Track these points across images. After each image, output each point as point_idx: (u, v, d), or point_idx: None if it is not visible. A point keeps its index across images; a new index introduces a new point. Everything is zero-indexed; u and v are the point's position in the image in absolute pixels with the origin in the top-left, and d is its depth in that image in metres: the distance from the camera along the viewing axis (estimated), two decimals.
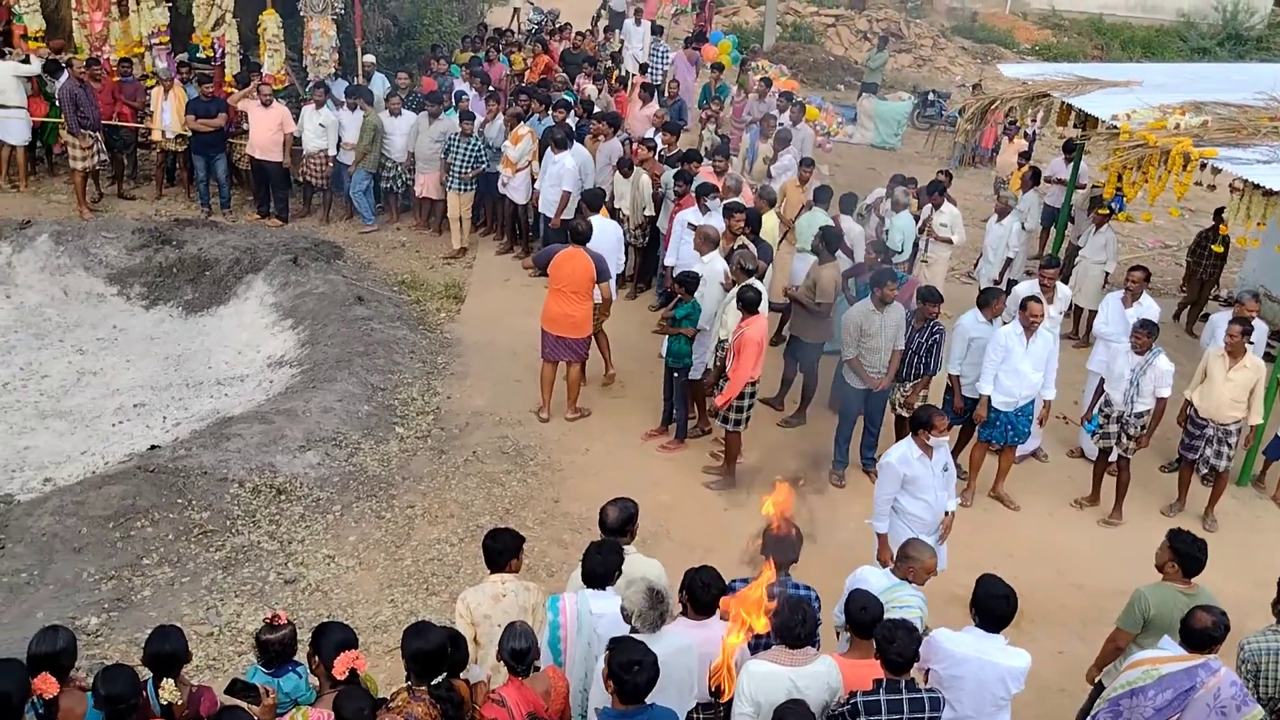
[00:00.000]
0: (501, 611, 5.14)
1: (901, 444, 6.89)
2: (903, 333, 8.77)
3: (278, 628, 4.69)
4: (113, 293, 11.88)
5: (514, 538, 5.36)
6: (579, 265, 9.12)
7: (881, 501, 6.86)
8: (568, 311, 9.22)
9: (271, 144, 12.87)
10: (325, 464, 8.58)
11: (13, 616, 6.62)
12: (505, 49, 17.39)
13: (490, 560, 5.33)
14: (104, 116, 13.03)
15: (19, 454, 8.93)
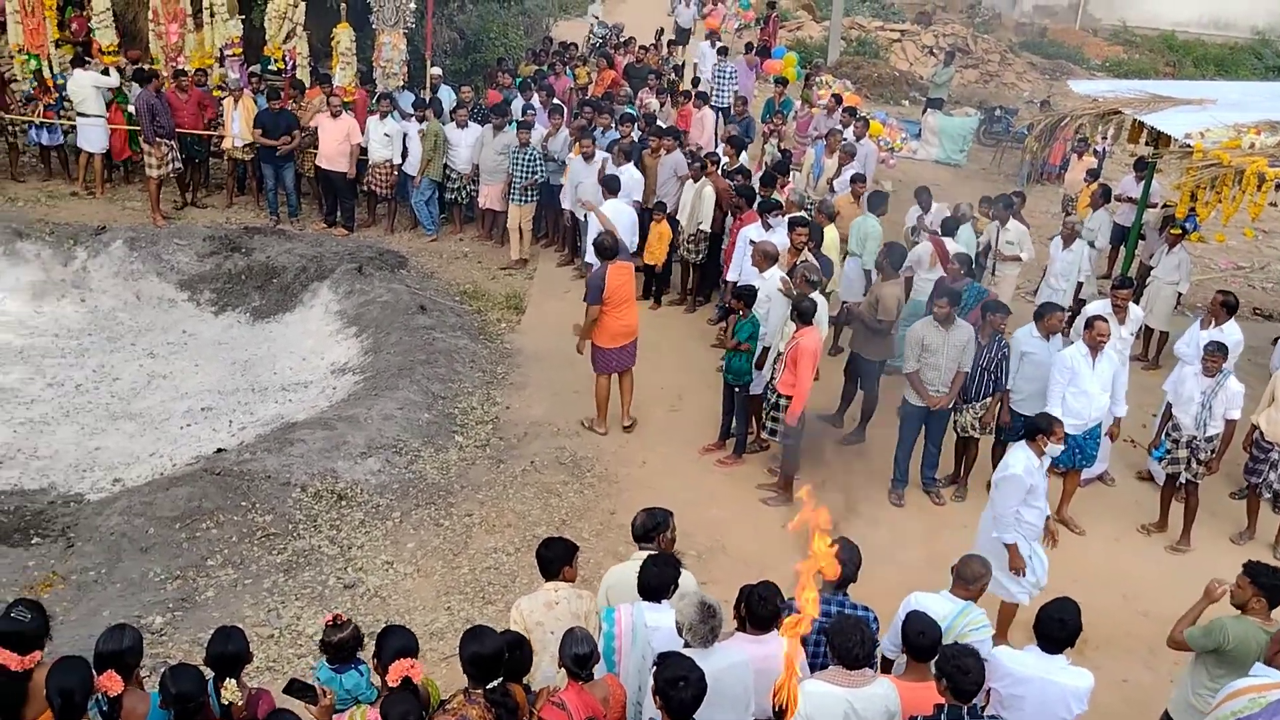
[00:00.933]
0: (554, 619, 5.15)
1: (1020, 453, 6.81)
2: (969, 354, 8.62)
3: (340, 628, 4.78)
4: (183, 298, 12.14)
5: (567, 546, 5.36)
6: (626, 275, 9.46)
7: (1008, 513, 6.76)
8: (625, 322, 9.47)
9: (338, 154, 13.08)
10: (386, 471, 8.67)
11: (80, 614, 6.77)
12: (570, 63, 17.52)
13: (544, 568, 5.35)
14: (185, 127, 13.33)
15: (90, 454, 9.15)
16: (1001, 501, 6.79)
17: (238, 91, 13.34)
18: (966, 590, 5.38)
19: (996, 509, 6.84)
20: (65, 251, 12.30)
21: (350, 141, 13.08)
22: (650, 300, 12.52)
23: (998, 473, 6.92)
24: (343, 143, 13.06)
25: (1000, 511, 6.80)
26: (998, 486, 6.85)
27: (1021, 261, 11.63)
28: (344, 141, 13.05)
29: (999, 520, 6.82)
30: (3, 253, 12.02)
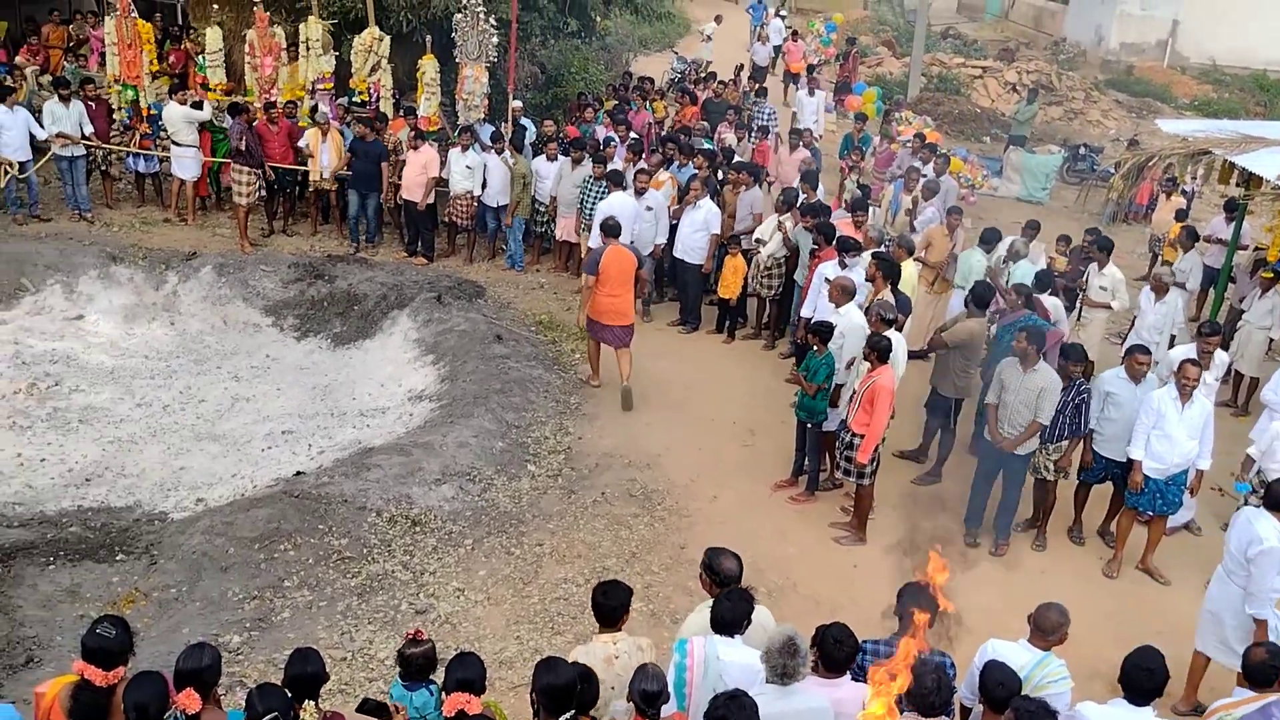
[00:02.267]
0: (614, 675, 5.05)
1: (1267, 524, 6.59)
2: (1048, 403, 8.36)
3: (419, 643, 4.84)
4: (268, 323, 12.43)
5: (627, 592, 5.26)
6: (624, 259, 10.37)
7: (1264, 589, 6.55)
8: (615, 304, 10.37)
9: (415, 185, 13.33)
10: (459, 498, 8.75)
11: (161, 631, 6.93)
12: (649, 97, 17.68)
13: (604, 617, 5.23)
14: (275, 158, 13.72)
15: (175, 474, 9.38)
16: (1260, 577, 6.55)
17: (326, 125, 13.69)
18: (1045, 640, 5.25)
19: (1254, 585, 6.59)
20: (157, 276, 12.70)
21: (428, 173, 13.32)
22: (724, 334, 12.51)
23: (1251, 547, 6.60)
24: (420, 174, 13.30)
25: (1258, 588, 6.57)
26: (1255, 562, 6.58)
27: (1114, 310, 11.35)
28: (421, 172, 13.29)
29: (1255, 596, 6.60)
30: (98, 276, 12.44)
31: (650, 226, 12.23)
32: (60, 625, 7.01)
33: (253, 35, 14.28)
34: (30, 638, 6.87)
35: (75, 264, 12.49)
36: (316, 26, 14.22)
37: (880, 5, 39.30)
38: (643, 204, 12.01)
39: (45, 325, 11.76)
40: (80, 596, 7.29)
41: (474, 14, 13.91)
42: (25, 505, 8.61)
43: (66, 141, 13.51)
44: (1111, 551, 8.80)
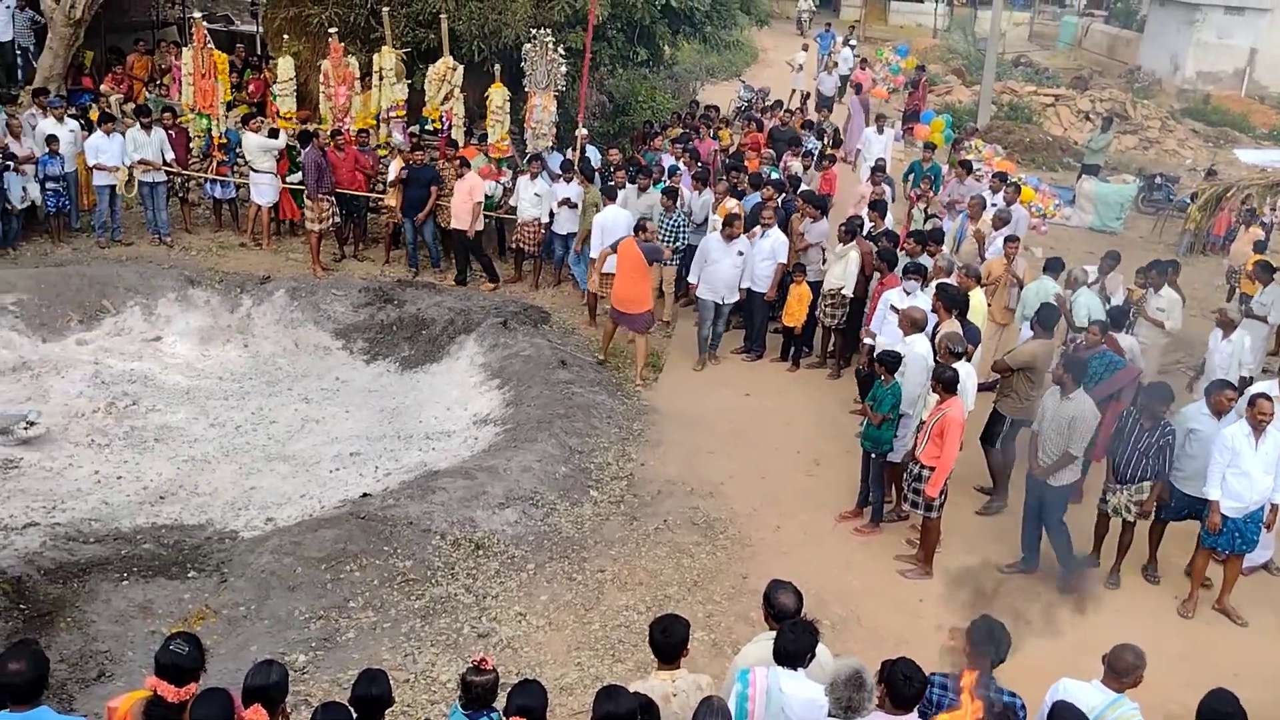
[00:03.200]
0: (671, 713, 5.00)
1: None
2: (1078, 434, 8.18)
3: (483, 671, 4.83)
4: (338, 346, 12.65)
5: (685, 627, 5.21)
6: (634, 250, 11.36)
7: None
8: (633, 292, 11.45)
9: (462, 212, 13.46)
10: (522, 522, 8.79)
11: (229, 648, 7.03)
12: (715, 126, 17.73)
13: (663, 654, 5.18)
14: (342, 184, 14.02)
15: (246, 493, 9.56)
16: None
17: (399, 152, 13.94)
18: (1119, 682, 5.12)
19: None
20: (232, 299, 13.00)
21: (472, 199, 13.42)
22: (789, 363, 12.45)
23: None
24: (465, 200, 13.42)
25: None
26: None
27: (1165, 330, 11.12)
28: (466, 199, 13.41)
29: None
30: (175, 299, 12.77)
31: (736, 271, 11.97)
32: (132, 641, 7.16)
33: (327, 65, 14.62)
34: (103, 652, 7.02)
35: (154, 287, 12.83)
36: (390, 56, 14.52)
37: (950, 33, 39.04)
38: (733, 248, 11.82)
39: (125, 346, 12.08)
40: (152, 612, 7.44)
41: (543, 44, 14.10)
42: (101, 521, 8.82)
43: (148, 168, 13.95)
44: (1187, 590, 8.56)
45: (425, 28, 14.92)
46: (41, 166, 13.53)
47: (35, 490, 9.29)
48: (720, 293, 12.01)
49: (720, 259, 11.89)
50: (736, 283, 12.03)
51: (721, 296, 12.05)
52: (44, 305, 12.16)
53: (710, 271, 11.96)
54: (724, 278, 11.94)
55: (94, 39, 18.30)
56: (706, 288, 12.06)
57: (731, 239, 11.80)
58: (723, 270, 11.92)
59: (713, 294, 12.04)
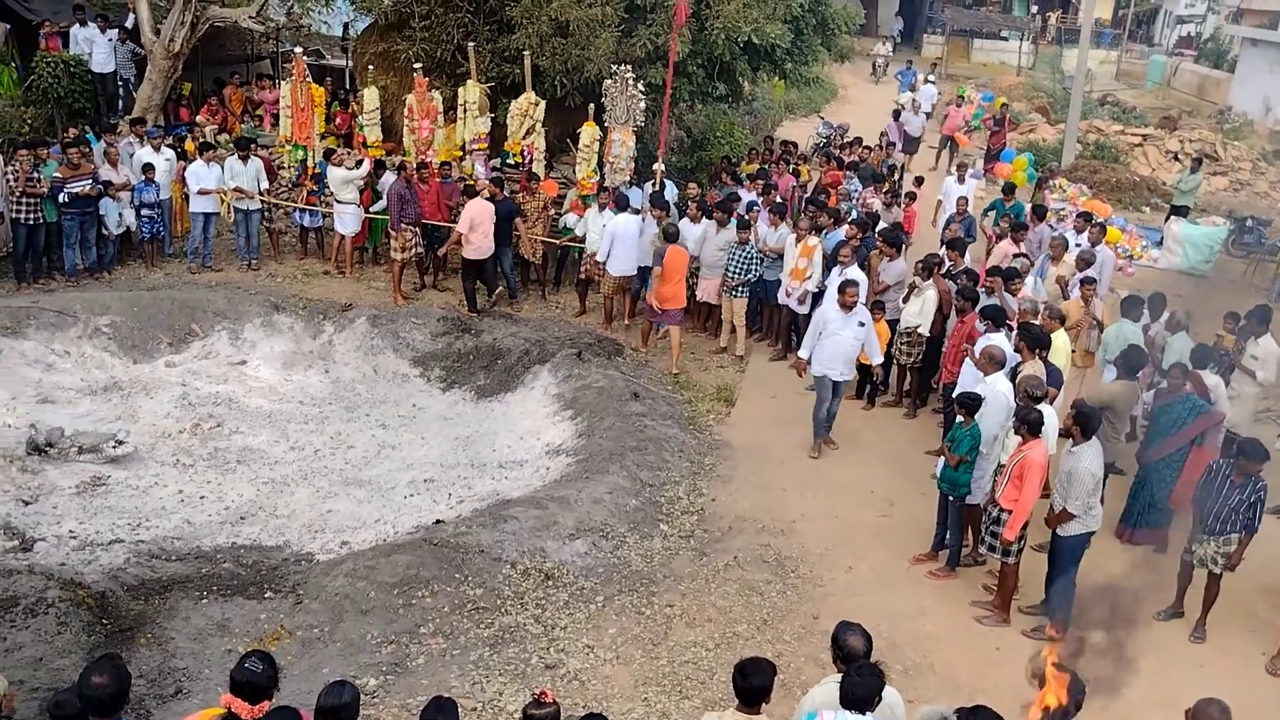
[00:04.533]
0: None
1: None
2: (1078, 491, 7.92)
3: (543, 705, 4.82)
4: (415, 374, 12.84)
5: (770, 672, 5.11)
6: (681, 257, 12.61)
7: None
8: (674, 292, 12.59)
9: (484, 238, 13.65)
10: (592, 554, 8.79)
11: (302, 669, 7.13)
12: (793, 161, 17.72)
13: (747, 698, 5.08)
14: (427, 215, 14.29)
15: (322, 516, 9.72)
16: None
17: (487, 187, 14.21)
18: None
19: None
20: (315, 325, 13.29)
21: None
22: (864, 400, 12.31)
23: None
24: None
25: None
26: None
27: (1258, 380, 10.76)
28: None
29: None
30: (261, 324, 13.10)
31: (857, 345, 10.86)
32: (209, 658, 7.30)
33: (412, 99, 14.95)
34: (181, 669, 7.17)
35: (241, 312, 13.19)
36: (475, 90, 14.81)
37: (1035, 71, 38.59)
38: (853, 319, 10.68)
39: (211, 369, 12.42)
40: (229, 631, 7.59)
41: (623, 80, 14.26)
42: (183, 540, 9.03)
43: (243, 196, 14.39)
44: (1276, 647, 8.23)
45: (510, 63, 15.20)
46: (137, 194, 14.04)
47: (121, 507, 9.56)
48: (839, 368, 10.82)
49: (839, 330, 10.69)
50: (854, 357, 10.93)
51: (840, 372, 10.86)
52: (136, 328, 12.58)
53: (827, 345, 10.74)
54: (843, 352, 10.76)
55: (191, 72, 18.98)
56: (822, 363, 10.82)
57: (849, 308, 10.65)
58: (842, 344, 10.73)
59: (830, 370, 10.84)
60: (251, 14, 17.86)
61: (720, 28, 14.93)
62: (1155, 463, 9.43)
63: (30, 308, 12.29)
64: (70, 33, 18.12)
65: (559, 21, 14.60)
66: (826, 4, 17.52)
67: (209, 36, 18.05)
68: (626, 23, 15.00)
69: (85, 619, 7.38)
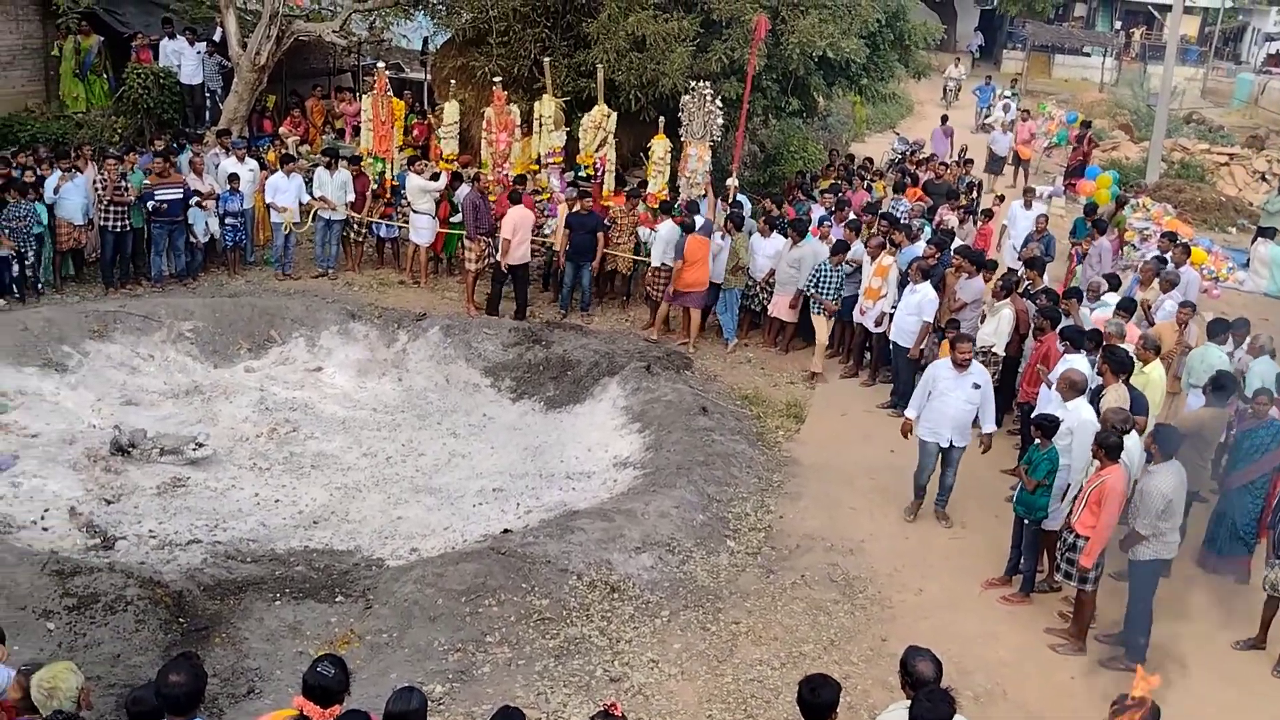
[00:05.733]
0: None
1: None
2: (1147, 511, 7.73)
3: (612, 717, 4.80)
4: (486, 384, 12.95)
5: (836, 690, 5.04)
6: (703, 245, 13.18)
7: None
8: (695, 277, 13.25)
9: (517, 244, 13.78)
10: (658, 568, 8.76)
11: (370, 674, 7.21)
12: (868, 178, 17.57)
13: (810, 713, 5.02)
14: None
15: (393, 522, 9.84)
16: None
17: (559, 198, 14.32)
18: None
19: None
20: (389, 334, 13.48)
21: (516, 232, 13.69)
22: None
23: None
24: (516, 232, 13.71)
25: None
26: None
27: None
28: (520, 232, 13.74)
29: None
30: (337, 332, 13.33)
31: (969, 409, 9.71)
32: (281, 659, 7.42)
33: (490, 112, 15.13)
34: (254, 669, 7.30)
35: (318, 319, 13.44)
36: (551, 104, 14.94)
37: (1118, 87, 37.80)
38: (967, 380, 9.61)
39: (288, 375, 12.67)
40: (301, 633, 7.70)
41: (701, 96, 14.29)
42: (258, 542, 9.21)
43: (326, 206, 14.69)
44: None
45: (585, 78, 15.33)
46: (222, 203, 14.41)
47: (199, 509, 9.78)
48: (946, 434, 9.64)
49: (949, 390, 9.57)
50: (969, 422, 9.69)
51: (948, 439, 9.67)
52: (217, 333, 12.89)
53: (936, 406, 9.65)
54: (952, 415, 9.58)
55: (275, 84, 19.45)
56: (929, 426, 9.74)
57: (962, 366, 9.53)
58: (951, 406, 9.58)
59: (935, 435, 9.71)
60: (335, 28, 18.27)
61: (795, 43, 14.89)
62: (1237, 490, 9.15)
63: (117, 312, 12.66)
64: (160, 45, 18.70)
65: (635, 36, 14.69)
66: (904, 19, 17.37)
67: (293, 50, 18.49)
68: (702, 37, 15.03)
69: (163, 617, 7.56)
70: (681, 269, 13.19)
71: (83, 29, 18.18)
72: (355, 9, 18.89)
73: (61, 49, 18.47)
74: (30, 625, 7.28)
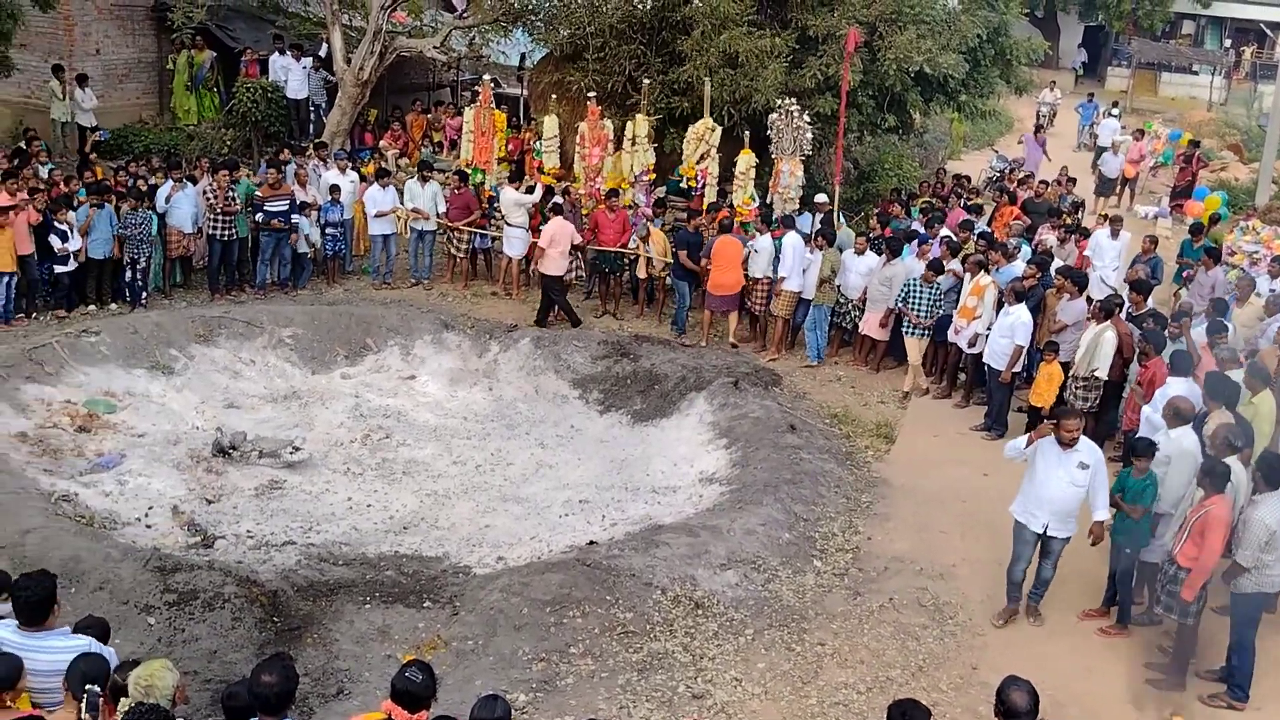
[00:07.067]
0: None
1: None
2: (1250, 541, 7.36)
3: None
4: (575, 396, 13.03)
5: (926, 716, 4.95)
6: (734, 247, 13.43)
7: None
8: (726, 280, 13.48)
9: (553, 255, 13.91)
10: (742, 585, 8.70)
11: (455, 680, 7.28)
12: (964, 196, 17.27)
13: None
14: (607, 243, 14.54)
15: (480, 530, 9.95)
16: None
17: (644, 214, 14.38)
18: None
19: None
20: (481, 344, 13.67)
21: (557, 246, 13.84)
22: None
23: None
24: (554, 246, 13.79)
25: None
26: None
27: None
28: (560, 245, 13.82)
29: None
30: (431, 341, 13.57)
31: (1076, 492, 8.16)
32: (370, 662, 7.55)
33: (584, 127, 15.28)
34: (343, 670, 7.44)
35: (413, 329, 13.70)
36: (644, 124, 15.04)
37: (1227, 107, 36.57)
38: (1072, 459, 8.06)
39: (383, 382, 12.93)
40: (389, 637, 7.83)
41: (788, 112, 14.24)
42: (350, 546, 9.40)
43: (419, 217, 14.99)
44: None
45: (679, 95, 15.38)
46: (324, 213, 14.79)
47: (295, 511, 10.03)
48: (1043, 518, 8.25)
49: (1051, 469, 8.15)
50: (1074, 509, 8.26)
51: (1046, 525, 8.26)
52: (316, 340, 13.24)
53: (1036, 488, 8.25)
54: (1055, 499, 8.16)
55: (376, 99, 19.93)
56: (1026, 508, 8.38)
57: (1068, 445, 8.08)
58: (1053, 488, 8.15)
59: (1032, 519, 8.34)
60: (435, 44, 18.67)
61: (892, 58, 14.75)
62: None
63: (222, 317, 13.09)
64: (269, 61, 19.32)
65: (728, 53, 14.70)
66: (1007, 34, 17.06)
67: (394, 66, 18.95)
68: (797, 53, 14.97)
69: (258, 615, 7.75)
70: (713, 271, 13.37)
71: (196, 44, 18.91)
72: (456, 25, 19.29)
73: (175, 63, 19.23)
74: (132, 619, 7.54)
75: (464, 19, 19.25)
